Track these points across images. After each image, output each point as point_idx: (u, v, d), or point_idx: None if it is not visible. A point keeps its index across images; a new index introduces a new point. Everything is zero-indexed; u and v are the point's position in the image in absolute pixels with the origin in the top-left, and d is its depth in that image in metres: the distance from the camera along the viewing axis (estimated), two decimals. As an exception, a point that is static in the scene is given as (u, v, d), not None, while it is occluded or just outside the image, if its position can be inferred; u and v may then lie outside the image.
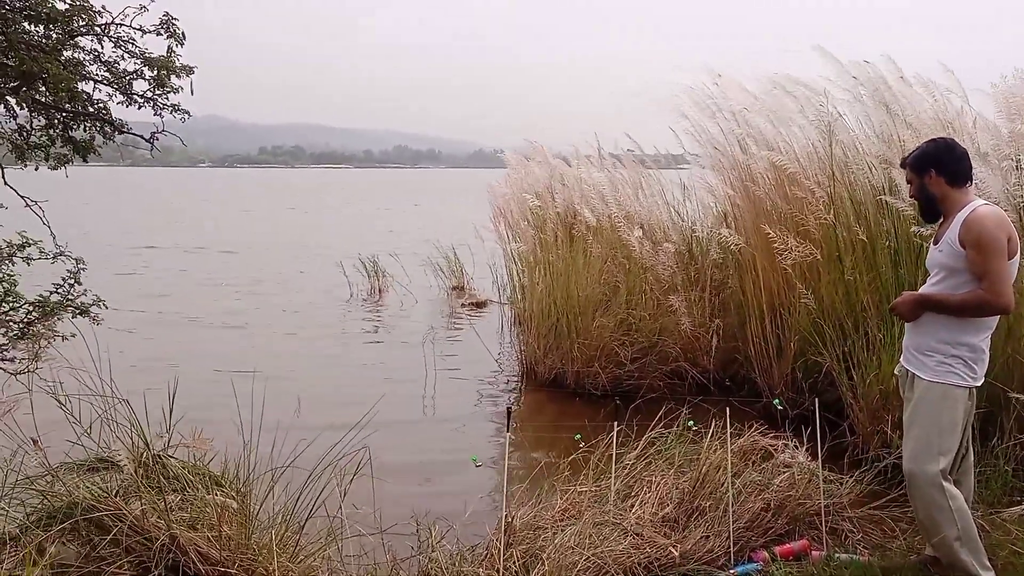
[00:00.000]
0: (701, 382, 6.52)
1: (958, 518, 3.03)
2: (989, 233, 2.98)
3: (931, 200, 3.22)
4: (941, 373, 3.09)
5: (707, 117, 6.68)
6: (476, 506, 4.09)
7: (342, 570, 3.22)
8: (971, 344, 3.08)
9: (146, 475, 3.15)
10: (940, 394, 3.08)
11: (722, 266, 6.98)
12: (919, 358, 3.17)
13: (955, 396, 3.08)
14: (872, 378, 4.77)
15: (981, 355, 3.10)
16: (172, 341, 8.80)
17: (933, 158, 3.19)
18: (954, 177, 3.15)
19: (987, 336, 3.12)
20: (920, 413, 3.12)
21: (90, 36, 4.44)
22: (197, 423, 3.41)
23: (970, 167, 3.20)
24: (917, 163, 3.24)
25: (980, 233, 2.99)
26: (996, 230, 2.98)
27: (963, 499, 3.11)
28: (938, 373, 3.10)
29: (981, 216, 3.01)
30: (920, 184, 3.23)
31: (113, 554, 2.82)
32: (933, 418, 3.08)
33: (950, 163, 3.16)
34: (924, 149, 3.26)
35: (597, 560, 3.25)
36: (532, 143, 8.93)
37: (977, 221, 3.01)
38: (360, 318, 10.48)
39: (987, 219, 3.00)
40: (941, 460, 3.04)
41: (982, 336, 3.09)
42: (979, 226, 3.00)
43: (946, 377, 3.08)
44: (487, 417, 6.31)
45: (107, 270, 12.87)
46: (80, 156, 4.58)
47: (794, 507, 3.77)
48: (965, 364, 3.08)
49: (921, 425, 3.11)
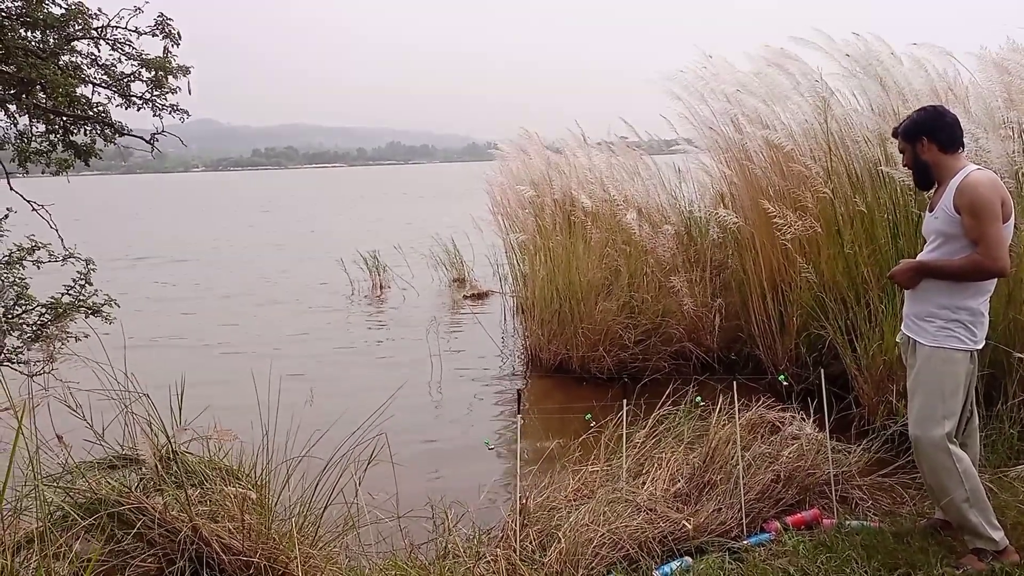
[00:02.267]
0: (706, 361, 6.56)
1: (965, 480, 3.07)
2: (983, 197, 3.01)
3: (924, 167, 3.24)
4: (942, 338, 3.13)
5: (699, 99, 6.70)
6: (490, 489, 4.14)
7: (361, 556, 3.26)
8: (970, 308, 3.12)
9: (166, 470, 3.19)
10: (942, 359, 3.12)
11: (722, 246, 7.02)
12: (920, 324, 3.21)
13: (956, 360, 3.12)
14: (875, 349, 4.82)
15: (980, 318, 3.14)
16: (180, 339, 8.85)
17: (924, 126, 3.22)
18: (946, 143, 3.18)
19: (986, 299, 3.15)
20: (923, 379, 3.16)
21: (87, 40, 4.47)
22: (212, 418, 3.46)
23: (961, 133, 3.23)
24: (909, 132, 3.27)
25: (974, 198, 3.02)
26: (990, 194, 3.02)
27: (969, 461, 3.15)
28: (939, 338, 3.14)
29: (975, 181, 3.05)
30: (913, 152, 3.26)
31: (137, 548, 2.86)
32: (936, 383, 3.12)
33: (941, 129, 3.19)
34: (915, 118, 3.28)
35: (612, 536, 3.30)
36: (526, 133, 8.96)
37: (971, 186, 3.04)
38: (364, 313, 10.53)
39: (981, 184, 3.04)
40: (946, 424, 3.09)
41: (981, 300, 3.13)
42: (973, 191, 3.03)
43: (947, 342, 3.12)
44: (494, 403, 6.36)
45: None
46: (82, 160, 4.61)
47: (804, 477, 3.82)
48: (965, 328, 3.12)
49: (925, 391, 3.15)
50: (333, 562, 3.11)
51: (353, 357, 8.07)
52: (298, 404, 3.63)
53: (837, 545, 3.29)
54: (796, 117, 5.95)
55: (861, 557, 3.18)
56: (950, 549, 3.23)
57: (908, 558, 3.17)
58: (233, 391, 6.06)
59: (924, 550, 3.22)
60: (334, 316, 10.31)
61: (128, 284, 12.41)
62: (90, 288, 4.33)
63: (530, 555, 3.24)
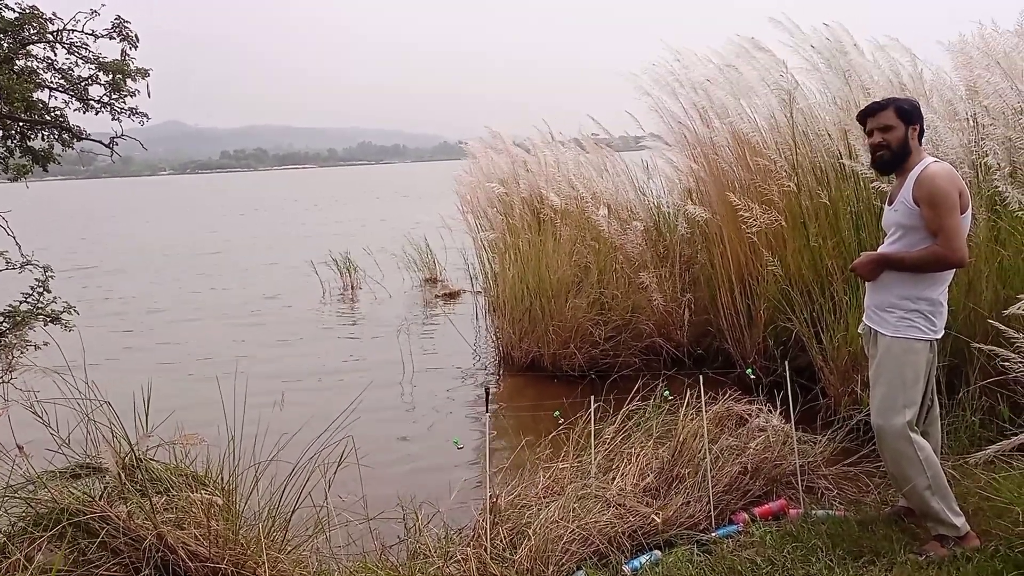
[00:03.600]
0: (676, 356, 6.61)
1: (927, 467, 3.12)
2: (941, 189, 3.06)
3: (902, 151, 3.23)
4: (902, 328, 3.18)
5: (668, 94, 6.75)
6: (461, 488, 4.14)
7: (331, 559, 3.25)
8: (930, 298, 3.17)
9: (130, 478, 3.16)
10: (903, 348, 3.17)
11: (690, 241, 7.06)
12: (881, 315, 3.25)
13: (917, 349, 3.17)
14: (840, 340, 4.88)
15: (940, 308, 3.19)
16: (148, 343, 8.75)
17: (917, 113, 3.26)
18: (921, 135, 3.27)
19: (944, 290, 3.21)
20: (885, 368, 3.21)
21: (42, 44, 4.40)
22: (179, 423, 3.43)
23: (922, 131, 3.30)
24: (908, 113, 3.23)
25: (932, 189, 3.07)
26: (948, 185, 3.07)
27: (931, 449, 3.21)
28: (899, 328, 3.18)
29: (933, 173, 3.10)
30: (904, 134, 3.23)
31: (101, 557, 2.83)
32: (897, 372, 3.17)
33: (921, 125, 3.27)
34: (914, 105, 3.28)
35: (582, 532, 3.32)
36: (494, 132, 8.96)
37: (929, 178, 3.09)
38: (336, 314, 10.49)
39: (939, 176, 3.08)
40: (907, 412, 3.13)
41: (939, 290, 3.19)
42: (931, 183, 3.08)
43: (907, 332, 3.17)
44: (466, 403, 6.35)
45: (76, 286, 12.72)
46: (40, 165, 4.54)
47: (771, 469, 3.86)
48: (925, 318, 3.17)
49: (886, 380, 3.20)
50: (302, 566, 3.09)
51: (323, 359, 8.03)
52: (266, 407, 3.62)
53: (803, 534, 3.34)
54: (762, 111, 6.02)
55: (827, 546, 3.22)
56: (913, 536, 3.29)
57: (872, 545, 3.22)
58: (200, 396, 6.02)
59: (888, 537, 3.27)
60: (304, 317, 10.25)
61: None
62: (48, 295, 4.26)
63: (500, 553, 3.24)
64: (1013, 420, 3.81)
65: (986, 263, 4.33)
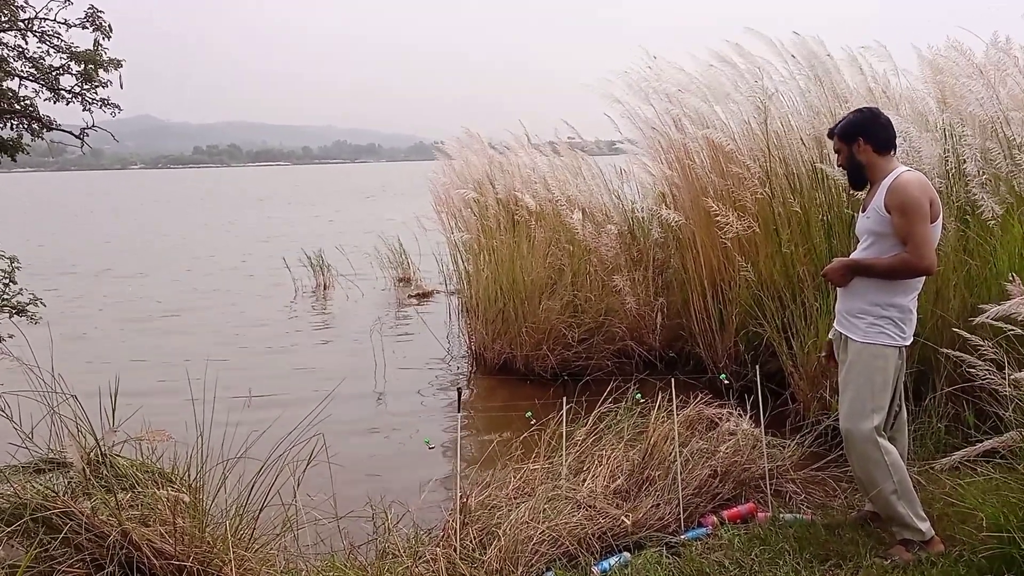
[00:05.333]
0: (648, 360, 6.63)
1: (893, 472, 3.16)
2: (912, 198, 3.10)
3: (859, 168, 3.32)
4: (872, 334, 3.21)
5: (642, 100, 6.78)
6: (431, 488, 4.12)
7: (299, 558, 3.22)
8: (900, 305, 3.21)
9: (95, 473, 3.11)
10: (872, 354, 3.20)
11: (664, 245, 7.10)
12: (851, 321, 3.29)
13: (886, 355, 3.21)
14: (810, 346, 4.93)
15: (909, 315, 3.24)
16: (117, 341, 8.63)
17: (861, 126, 3.30)
18: (880, 145, 3.26)
19: (914, 297, 3.25)
20: (854, 374, 3.24)
21: (13, 32, 4.32)
22: (146, 420, 3.38)
23: (895, 135, 3.32)
24: (846, 132, 3.34)
25: (904, 198, 3.11)
26: (919, 195, 3.11)
27: (897, 454, 3.24)
28: (869, 334, 3.22)
29: (905, 182, 3.14)
30: (849, 152, 3.33)
31: (65, 554, 2.78)
32: (866, 378, 3.20)
33: (877, 131, 3.27)
34: (851, 119, 3.36)
35: (552, 533, 3.32)
36: (469, 133, 8.94)
37: (901, 187, 3.13)
38: (307, 313, 10.42)
39: (910, 184, 3.13)
40: (875, 417, 3.17)
41: (910, 297, 3.23)
42: (903, 191, 3.12)
43: (877, 338, 3.20)
44: (438, 403, 6.33)
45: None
46: (8, 155, 4.46)
47: (740, 472, 3.89)
48: (895, 324, 3.21)
49: (855, 385, 3.23)
50: (269, 564, 3.06)
51: (294, 356, 7.97)
52: (236, 405, 3.57)
53: (771, 538, 3.36)
54: (736, 117, 6.06)
55: (794, 549, 3.25)
56: (879, 540, 3.32)
57: (839, 549, 3.25)
58: (168, 391, 5.95)
59: (854, 541, 3.30)
60: (276, 315, 10.17)
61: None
62: (15, 287, 4.18)
63: (470, 554, 3.23)
64: (978, 427, 3.86)
65: (954, 272, 4.40)
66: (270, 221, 26.41)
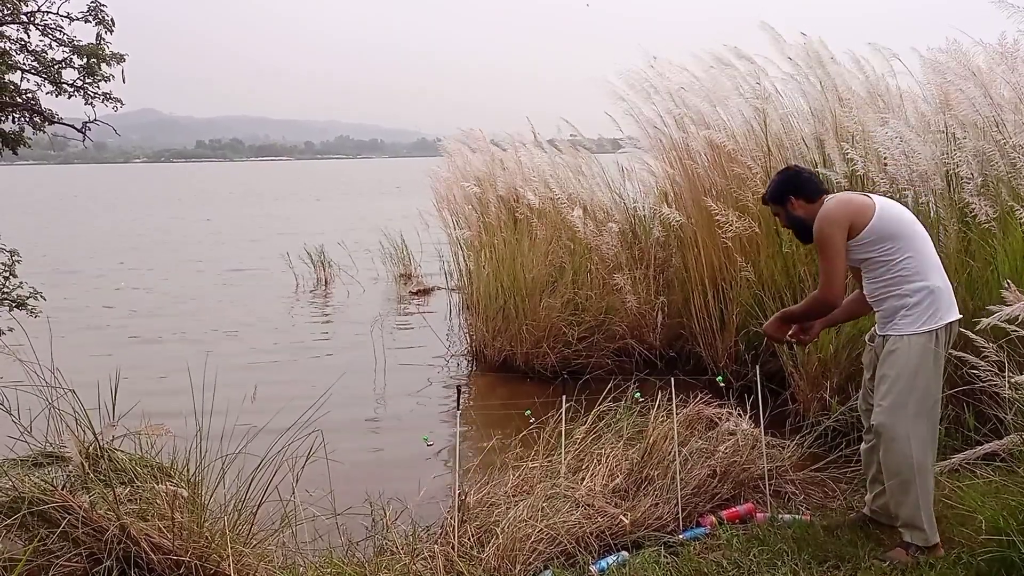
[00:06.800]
0: (648, 358, 6.62)
1: (917, 472, 3.12)
2: (819, 233, 3.22)
3: (800, 223, 3.39)
4: (903, 326, 3.15)
5: (643, 99, 6.78)
6: (429, 485, 4.11)
7: (297, 554, 3.22)
8: (915, 290, 3.14)
9: (94, 468, 3.11)
10: (911, 346, 3.13)
11: (665, 244, 7.10)
12: (884, 322, 3.26)
13: (922, 344, 3.12)
14: (811, 347, 4.91)
15: (930, 297, 3.14)
16: (117, 334, 8.64)
17: (788, 186, 3.40)
18: (811, 195, 3.36)
19: (925, 279, 3.16)
20: (893, 368, 3.16)
21: (15, 25, 4.32)
22: (146, 414, 3.38)
23: (819, 180, 3.45)
24: (776, 196, 3.43)
25: (816, 236, 3.25)
26: (828, 227, 3.19)
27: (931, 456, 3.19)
28: (899, 327, 3.16)
29: (817, 220, 3.24)
30: (786, 213, 3.42)
31: (63, 547, 2.78)
32: (907, 371, 3.12)
33: (803, 186, 3.37)
34: (777, 182, 3.46)
35: (550, 531, 3.31)
36: (471, 130, 8.94)
37: (815, 225, 3.25)
38: (308, 308, 10.42)
39: (820, 221, 3.23)
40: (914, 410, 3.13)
41: (921, 283, 3.15)
42: (815, 230, 3.25)
43: (910, 328, 3.13)
44: (437, 400, 6.33)
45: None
46: (10, 148, 4.46)
47: (739, 472, 3.88)
48: (923, 310, 3.14)
49: (892, 378, 3.16)
50: (267, 560, 3.06)
51: (294, 352, 7.97)
52: (235, 399, 3.56)
53: (769, 538, 3.36)
54: (737, 118, 6.06)
55: (792, 550, 3.24)
56: (878, 542, 3.32)
57: (837, 551, 3.25)
58: (168, 386, 5.95)
59: (853, 543, 3.30)
60: (276, 310, 10.18)
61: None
62: (14, 280, 4.18)
63: (468, 551, 3.23)
64: (978, 429, 3.86)
65: (956, 274, 4.39)
66: (276, 218, 26.41)
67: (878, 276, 3.23)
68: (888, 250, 3.17)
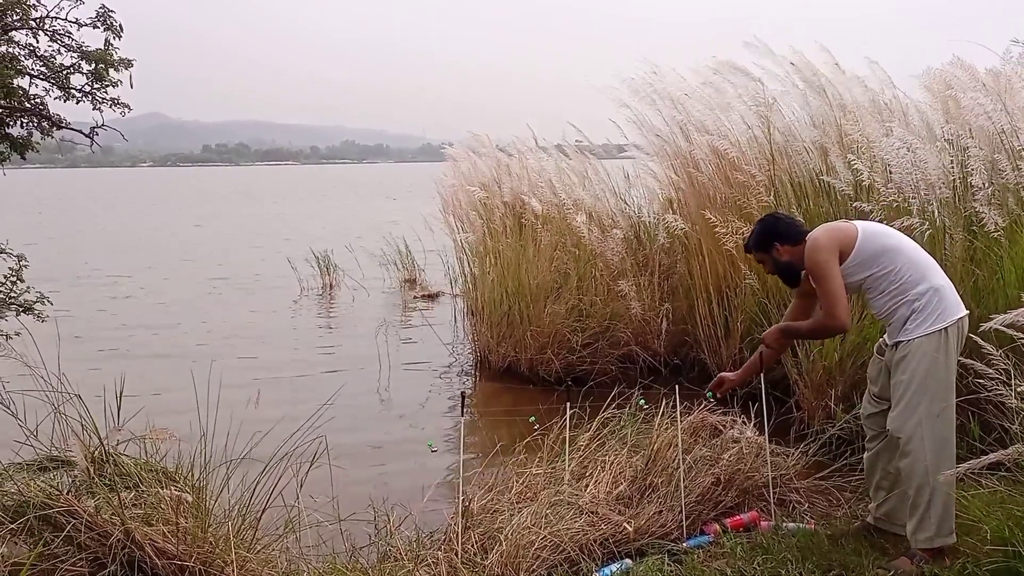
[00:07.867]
0: (652, 365, 6.62)
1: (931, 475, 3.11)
2: (812, 261, 3.26)
3: (788, 267, 3.45)
4: (912, 329, 3.15)
5: (647, 106, 6.79)
6: (433, 492, 4.12)
7: (300, 560, 3.22)
8: (919, 292, 3.15)
9: (99, 472, 3.12)
10: (920, 348, 3.14)
11: (670, 251, 7.09)
12: (894, 328, 3.25)
13: (933, 344, 3.13)
14: (816, 354, 4.91)
15: (935, 296, 3.16)
16: (122, 337, 8.66)
17: (771, 234, 3.44)
18: (794, 239, 3.40)
19: (927, 281, 3.18)
20: (906, 371, 3.17)
21: (25, 30, 4.35)
22: (150, 419, 3.39)
23: (799, 222, 3.51)
24: (760, 244, 3.48)
25: (809, 266, 3.29)
26: (819, 255, 3.22)
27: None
28: (908, 330, 3.16)
29: (807, 250, 3.29)
30: (772, 259, 3.47)
31: (67, 552, 2.79)
32: (921, 373, 3.13)
33: (784, 230, 3.42)
34: (759, 231, 3.50)
35: (553, 539, 3.31)
36: (477, 135, 8.95)
37: (806, 255, 3.29)
38: (313, 312, 10.44)
39: (810, 250, 3.28)
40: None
41: (925, 286, 3.17)
42: (807, 259, 3.29)
43: (918, 330, 3.14)
44: (442, 405, 6.34)
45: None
46: (18, 153, 4.48)
47: (743, 480, 3.87)
48: (928, 310, 3.14)
49: (906, 382, 3.16)
50: (271, 565, 3.06)
51: (299, 356, 7.98)
52: (240, 404, 3.57)
53: (774, 547, 3.35)
54: (740, 126, 6.06)
55: (796, 559, 3.23)
56: (882, 551, 3.31)
57: (842, 560, 3.23)
58: (172, 391, 5.95)
59: (857, 552, 3.29)
60: (281, 314, 10.19)
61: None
62: (22, 285, 4.20)
63: (471, 558, 3.23)
64: (983, 438, 3.84)
65: (961, 283, 4.38)
66: (281, 222, 26.45)
67: (883, 291, 3.24)
68: (885, 263, 3.22)
